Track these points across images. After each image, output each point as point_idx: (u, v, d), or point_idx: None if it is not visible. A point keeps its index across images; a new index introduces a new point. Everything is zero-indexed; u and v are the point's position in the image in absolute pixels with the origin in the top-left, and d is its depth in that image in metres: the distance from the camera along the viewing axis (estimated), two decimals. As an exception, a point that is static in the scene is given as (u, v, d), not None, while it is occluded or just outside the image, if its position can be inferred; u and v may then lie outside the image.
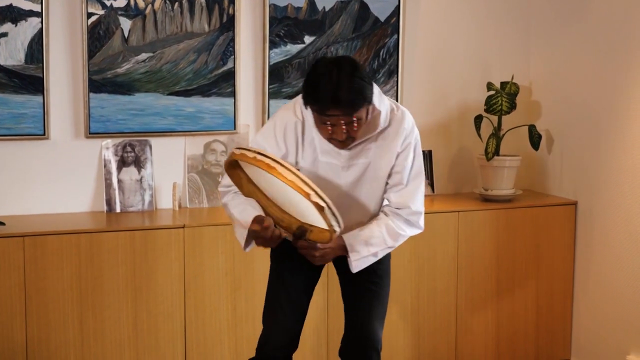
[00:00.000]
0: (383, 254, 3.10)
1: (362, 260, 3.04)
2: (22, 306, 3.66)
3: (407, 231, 3.11)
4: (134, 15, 4.11)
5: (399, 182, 3.06)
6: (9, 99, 3.96)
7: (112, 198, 4.14)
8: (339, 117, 2.80)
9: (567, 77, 4.61)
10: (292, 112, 3.01)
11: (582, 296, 4.54)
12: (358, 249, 3.03)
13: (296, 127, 2.99)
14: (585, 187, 4.49)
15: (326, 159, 3.01)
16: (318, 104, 2.80)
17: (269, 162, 2.74)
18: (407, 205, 3.07)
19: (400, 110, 3.06)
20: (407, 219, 3.09)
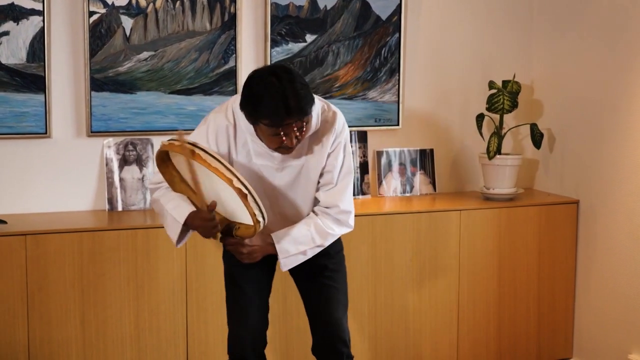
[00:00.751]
0: (313, 253, 3.12)
1: (290, 259, 3.08)
2: (24, 305, 3.66)
3: (336, 230, 3.13)
4: (135, 13, 4.11)
5: (329, 182, 3.09)
6: (10, 97, 3.96)
7: (114, 197, 4.14)
8: (292, 126, 2.84)
9: (569, 76, 4.61)
10: (223, 116, 3.03)
11: (584, 295, 4.54)
12: (286, 247, 3.06)
13: (227, 130, 3.02)
14: (587, 185, 4.49)
15: (260, 162, 3.04)
16: (271, 117, 2.82)
17: (192, 149, 2.78)
18: (335, 204, 3.10)
19: (331, 110, 3.09)
20: (336, 217, 3.11)
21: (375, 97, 4.57)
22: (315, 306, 3.25)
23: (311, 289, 3.26)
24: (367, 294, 4.17)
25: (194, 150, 2.79)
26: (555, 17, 4.71)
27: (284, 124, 2.83)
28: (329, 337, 3.21)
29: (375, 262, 4.17)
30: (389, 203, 4.48)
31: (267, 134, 2.89)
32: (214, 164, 2.77)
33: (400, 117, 4.62)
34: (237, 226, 3.00)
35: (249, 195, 2.78)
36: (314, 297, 3.25)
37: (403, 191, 4.64)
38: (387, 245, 4.19)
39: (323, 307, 3.21)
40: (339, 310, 3.22)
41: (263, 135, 2.92)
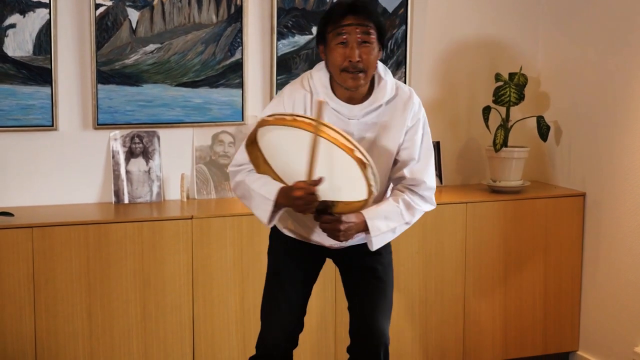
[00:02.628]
0: (401, 231, 3.05)
1: (380, 237, 2.99)
2: (31, 297, 3.67)
3: (422, 206, 3.06)
4: (141, 6, 4.11)
5: (410, 158, 3.03)
6: (17, 90, 3.96)
7: (120, 189, 4.15)
8: (355, 27, 2.87)
9: (575, 68, 4.60)
10: (299, 86, 3.03)
11: (590, 288, 4.54)
12: (378, 224, 2.97)
13: (305, 98, 3.00)
14: (594, 178, 4.48)
15: None
16: (334, 14, 2.90)
17: (309, 122, 2.66)
18: (422, 180, 3.04)
19: (407, 88, 3.08)
20: (421, 194, 3.05)
21: (382, 89, 4.56)
22: (361, 310, 3.16)
23: (358, 289, 3.18)
24: (373, 286, 4.17)
25: (310, 122, 2.66)
26: (562, 9, 4.69)
27: (344, 22, 2.87)
28: (370, 341, 3.13)
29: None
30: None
31: (333, 44, 2.90)
32: (332, 134, 2.65)
33: (406, 110, 4.61)
34: (334, 204, 2.87)
35: (369, 166, 2.67)
36: (359, 299, 3.17)
37: (409, 184, 4.63)
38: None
39: (371, 308, 3.13)
40: (385, 313, 3.15)
41: (331, 53, 2.92)
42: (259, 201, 2.95)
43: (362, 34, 2.89)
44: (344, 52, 2.89)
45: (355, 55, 2.88)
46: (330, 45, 2.93)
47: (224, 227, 3.91)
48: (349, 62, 2.88)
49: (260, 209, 2.96)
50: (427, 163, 3.07)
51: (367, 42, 2.90)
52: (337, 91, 2.99)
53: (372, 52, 2.92)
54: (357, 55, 2.88)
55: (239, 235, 3.93)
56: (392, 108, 3.02)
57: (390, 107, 3.01)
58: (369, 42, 2.90)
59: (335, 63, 2.92)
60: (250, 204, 2.99)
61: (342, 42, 2.89)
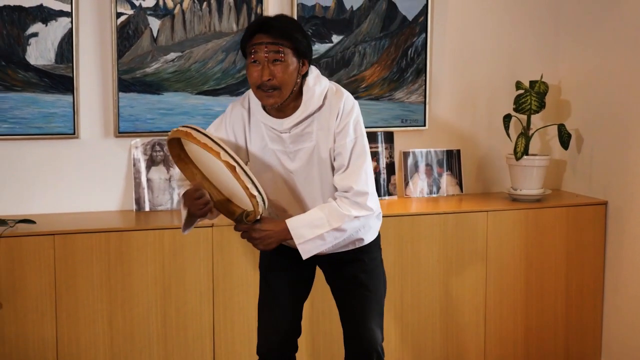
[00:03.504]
0: (334, 239, 2.98)
1: (308, 244, 2.94)
2: (53, 304, 3.68)
3: (354, 212, 2.95)
4: (162, 15, 4.13)
5: (341, 164, 2.99)
6: (39, 98, 3.99)
7: (141, 197, 4.16)
8: (264, 46, 2.86)
9: (597, 76, 4.58)
10: (239, 104, 3.11)
11: (613, 297, 4.51)
12: (301, 231, 2.94)
13: (242, 116, 3.08)
14: (616, 186, 4.45)
15: (274, 147, 3.03)
16: (246, 33, 2.91)
17: (186, 130, 2.79)
18: (349, 185, 2.95)
19: (340, 92, 3.04)
20: (353, 200, 2.96)
21: (402, 97, 4.56)
22: (349, 315, 3.19)
23: (345, 296, 3.20)
24: (393, 295, 4.16)
25: (187, 130, 2.80)
26: (583, 17, 4.68)
27: (255, 40, 2.87)
28: (362, 348, 3.15)
29: (402, 263, 4.16)
30: (416, 204, 4.46)
31: (248, 62, 2.92)
32: (203, 139, 2.77)
33: (426, 118, 4.61)
34: (247, 212, 2.94)
35: (238, 167, 2.73)
36: (347, 305, 3.20)
37: (429, 192, 4.63)
38: (414, 247, 4.18)
39: (357, 315, 3.15)
40: (373, 319, 3.15)
41: (247, 69, 2.94)
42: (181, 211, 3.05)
43: (272, 52, 2.87)
44: (256, 70, 2.90)
45: (265, 75, 2.88)
46: (246, 63, 2.95)
47: (244, 234, 3.91)
48: (261, 80, 2.89)
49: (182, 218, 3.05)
50: (357, 168, 2.98)
51: (278, 60, 2.88)
52: (269, 110, 3.03)
53: (286, 70, 2.90)
54: (267, 75, 2.88)
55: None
56: (323, 115, 3.01)
57: (322, 114, 3.01)
58: (280, 59, 2.88)
59: (250, 81, 2.95)
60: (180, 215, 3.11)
61: (253, 60, 2.90)
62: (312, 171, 3.04)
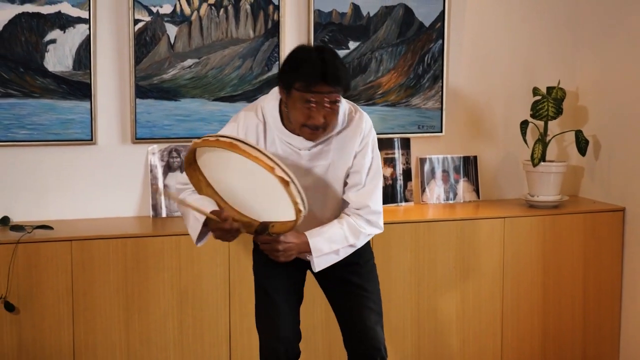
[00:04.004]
0: (345, 253, 3.08)
1: (323, 258, 3.03)
2: (70, 310, 3.70)
3: (367, 230, 3.09)
4: (179, 21, 4.14)
5: (357, 182, 3.07)
6: (57, 104, 4.00)
7: (158, 203, 4.17)
8: (324, 95, 2.85)
9: (614, 82, 4.56)
10: (253, 114, 3.04)
11: (631, 304, 4.48)
12: (320, 245, 3.01)
13: (257, 128, 3.02)
14: (633, 193, 4.43)
15: (288, 161, 3.01)
16: (306, 79, 2.83)
17: (230, 141, 2.72)
18: (366, 204, 3.06)
19: (358, 112, 3.09)
20: (366, 218, 3.08)
21: (419, 103, 4.56)
22: (348, 315, 3.20)
23: (342, 299, 3.21)
24: (409, 301, 4.15)
25: (232, 142, 2.72)
26: (600, 23, 4.66)
27: (315, 89, 2.83)
28: (364, 348, 3.16)
29: (418, 269, 4.16)
30: (432, 210, 4.46)
31: (298, 102, 2.87)
32: (254, 152, 2.70)
33: (443, 124, 4.60)
34: (272, 224, 2.94)
35: (292, 184, 2.71)
36: (345, 307, 3.21)
37: (446, 198, 4.62)
38: (430, 253, 4.17)
39: (356, 316, 3.16)
40: (372, 318, 3.17)
41: (293, 105, 2.89)
42: (192, 221, 2.99)
43: (330, 102, 2.88)
44: (309, 113, 2.88)
45: (320, 120, 2.88)
46: (294, 97, 2.89)
47: (260, 241, 3.91)
48: (312, 122, 2.89)
49: (192, 229, 3.01)
50: (373, 187, 3.09)
51: (334, 104, 2.89)
52: (287, 122, 3.00)
53: (337, 113, 2.93)
54: (321, 119, 2.88)
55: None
56: (342, 135, 3.04)
57: (340, 135, 3.04)
58: (334, 107, 2.90)
59: (297, 119, 2.91)
60: (186, 222, 3.04)
61: (308, 107, 2.87)
62: (322, 187, 3.08)
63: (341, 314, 3.23)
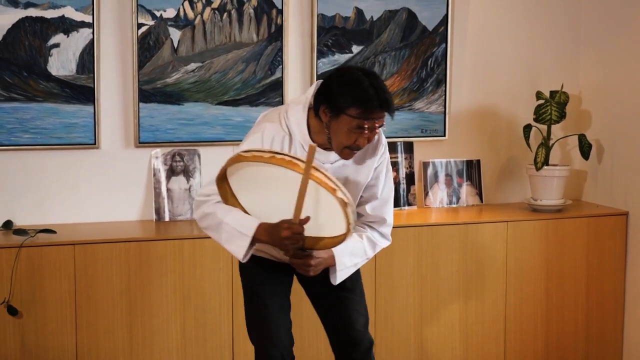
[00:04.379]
0: (361, 265, 3.13)
1: (345, 271, 3.06)
2: (73, 313, 3.70)
3: (381, 243, 3.14)
4: (183, 25, 4.15)
5: (373, 196, 3.09)
6: (60, 108, 4.01)
7: (161, 207, 4.17)
8: (376, 121, 2.83)
9: (617, 86, 4.56)
10: (278, 125, 2.96)
11: (634, 308, 4.48)
12: (344, 259, 3.04)
13: (283, 141, 2.95)
14: (637, 197, 4.43)
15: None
16: (364, 106, 2.78)
17: (290, 159, 2.65)
18: (383, 217, 3.12)
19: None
20: (381, 231, 3.13)
21: (422, 107, 4.56)
22: (337, 319, 3.19)
23: (329, 302, 3.20)
24: (412, 305, 4.15)
25: (293, 161, 2.66)
26: (603, 27, 4.66)
27: (373, 116, 2.80)
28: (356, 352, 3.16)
29: (421, 274, 4.16)
30: (435, 214, 4.46)
31: (348, 126, 2.81)
32: (315, 173, 2.66)
33: (446, 128, 4.60)
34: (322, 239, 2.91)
35: (349, 205, 2.70)
36: (333, 311, 3.19)
37: (449, 202, 4.62)
38: (433, 257, 4.17)
39: (345, 319, 3.16)
40: (361, 320, 3.18)
41: (341, 128, 2.83)
42: (232, 235, 2.89)
43: (379, 126, 2.88)
44: (357, 137, 2.84)
45: (365, 143, 2.87)
46: (343, 121, 2.82)
47: (263, 245, 3.91)
48: (357, 145, 2.87)
49: (235, 244, 2.91)
50: (388, 201, 3.13)
51: (378, 126, 2.87)
52: (314, 134, 2.95)
53: (377, 133, 2.93)
54: (366, 142, 2.87)
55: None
56: (363, 151, 3.01)
57: (362, 150, 3.00)
58: (381, 125, 2.88)
59: (342, 142, 2.86)
60: (220, 236, 2.93)
61: (360, 133, 2.83)
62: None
63: (329, 318, 3.23)
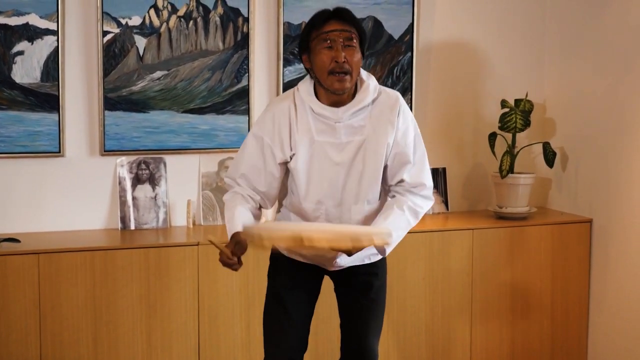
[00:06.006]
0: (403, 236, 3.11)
1: (391, 247, 3.07)
2: (37, 323, 3.67)
3: (424, 207, 3.12)
4: (148, 33, 4.14)
5: (407, 162, 3.08)
6: (24, 116, 3.98)
7: (127, 215, 4.15)
8: (339, 33, 2.95)
9: (581, 95, 4.61)
10: (284, 97, 3.11)
11: (598, 314, 4.52)
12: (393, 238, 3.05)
13: (289, 111, 3.04)
14: (600, 204, 4.47)
15: (322, 138, 3.02)
16: (318, 19, 2.98)
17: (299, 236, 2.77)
18: (422, 182, 3.10)
19: (394, 92, 3.13)
20: (422, 195, 3.11)
21: (388, 115, 4.57)
22: (354, 327, 3.20)
23: (353, 308, 3.20)
24: (379, 313, 4.16)
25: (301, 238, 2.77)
26: (567, 36, 4.70)
27: (329, 27, 2.95)
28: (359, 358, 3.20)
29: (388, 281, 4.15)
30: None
31: (317, 48, 2.96)
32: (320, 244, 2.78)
33: (412, 136, 4.61)
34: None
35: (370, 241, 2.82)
36: (352, 318, 3.20)
37: (415, 210, 4.63)
38: (400, 265, 4.18)
39: (360, 329, 3.18)
40: (375, 335, 3.21)
41: (316, 57, 2.97)
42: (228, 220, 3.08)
43: (346, 38, 2.96)
44: (330, 53, 2.95)
45: (341, 56, 2.94)
46: (315, 50, 2.98)
47: (230, 253, 3.90)
48: (335, 62, 2.94)
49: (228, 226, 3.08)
50: (423, 164, 3.13)
51: (350, 46, 2.96)
52: (322, 97, 3.03)
53: (356, 55, 2.98)
54: (342, 57, 2.94)
55: (245, 262, 3.88)
56: (378, 110, 3.05)
57: (376, 108, 3.05)
58: (352, 45, 2.97)
59: (323, 66, 2.96)
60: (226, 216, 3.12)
61: (328, 46, 2.95)
62: (357, 164, 3.04)
63: (346, 323, 3.23)
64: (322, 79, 2.98)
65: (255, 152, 3.07)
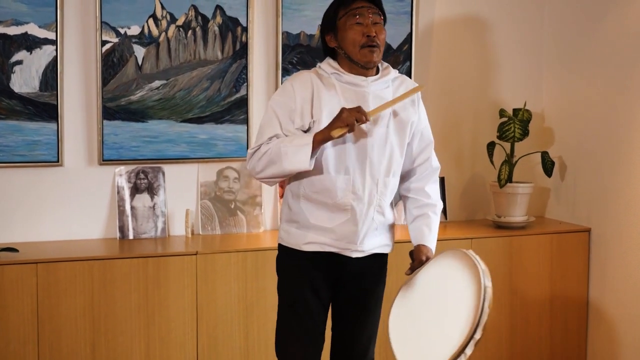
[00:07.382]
0: None
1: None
2: (35, 333, 3.66)
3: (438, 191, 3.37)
4: (147, 43, 4.14)
5: (429, 141, 3.27)
6: (23, 126, 3.98)
7: (125, 225, 4.15)
8: (367, 9, 3.02)
9: (580, 104, 4.61)
10: (306, 70, 3.16)
11: (597, 324, 4.52)
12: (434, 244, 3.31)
13: (312, 80, 3.07)
14: (599, 213, 4.47)
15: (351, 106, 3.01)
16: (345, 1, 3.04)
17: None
18: (438, 165, 3.34)
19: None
20: (435, 178, 3.34)
21: (386, 125, 4.57)
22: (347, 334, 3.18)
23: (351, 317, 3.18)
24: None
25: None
26: (566, 46, 4.71)
27: (358, 5, 3.02)
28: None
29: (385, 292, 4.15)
30: (399, 231, 4.46)
31: (348, 24, 3.02)
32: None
33: (411, 145, 4.62)
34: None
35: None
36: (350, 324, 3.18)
37: (414, 219, 4.63)
38: (399, 275, 4.17)
39: (356, 336, 3.18)
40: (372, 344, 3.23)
41: (346, 34, 3.02)
42: (294, 153, 2.92)
43: (374, 15, 3.04)
44: (360, 29, 3.01)
45: (372, 30, 3.01)
46: (344, 27, 3.03)
47: (228, 262, 3.90)
48: (367, 37, 3.00)
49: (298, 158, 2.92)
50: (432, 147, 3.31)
51: (378, 22, 3.05)
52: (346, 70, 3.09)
53: (383, 32, 3.07)
54: (373, 30, 3.01)
55: (244, 271, 3.92)
56: (402, 89, 3.12)
57: (399, 87, 3.12)
58: (379, 22, 3.05)
59: (354, 41, 3.02)
60: (282, 162, 2.94)
61: (357, 22, 3.02)
62: (388, 136, 3.08)
63: (341, 330, 3.21)
64: (352, 53, 3.03)
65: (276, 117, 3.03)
